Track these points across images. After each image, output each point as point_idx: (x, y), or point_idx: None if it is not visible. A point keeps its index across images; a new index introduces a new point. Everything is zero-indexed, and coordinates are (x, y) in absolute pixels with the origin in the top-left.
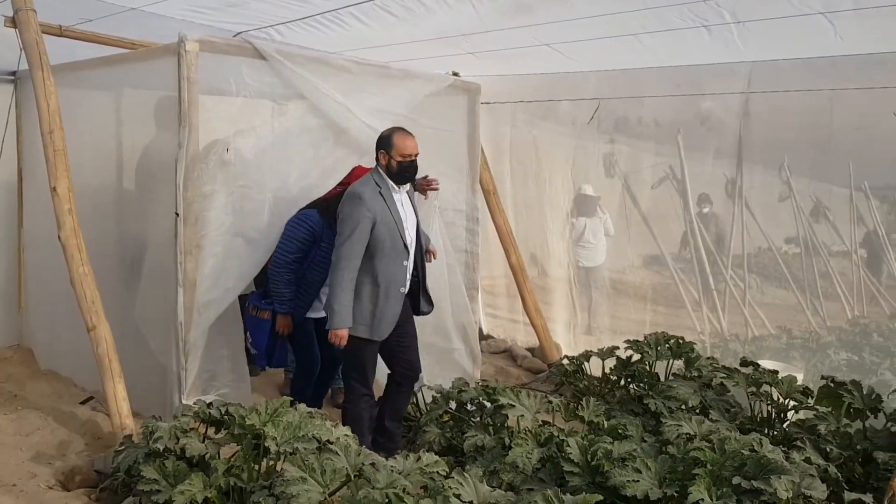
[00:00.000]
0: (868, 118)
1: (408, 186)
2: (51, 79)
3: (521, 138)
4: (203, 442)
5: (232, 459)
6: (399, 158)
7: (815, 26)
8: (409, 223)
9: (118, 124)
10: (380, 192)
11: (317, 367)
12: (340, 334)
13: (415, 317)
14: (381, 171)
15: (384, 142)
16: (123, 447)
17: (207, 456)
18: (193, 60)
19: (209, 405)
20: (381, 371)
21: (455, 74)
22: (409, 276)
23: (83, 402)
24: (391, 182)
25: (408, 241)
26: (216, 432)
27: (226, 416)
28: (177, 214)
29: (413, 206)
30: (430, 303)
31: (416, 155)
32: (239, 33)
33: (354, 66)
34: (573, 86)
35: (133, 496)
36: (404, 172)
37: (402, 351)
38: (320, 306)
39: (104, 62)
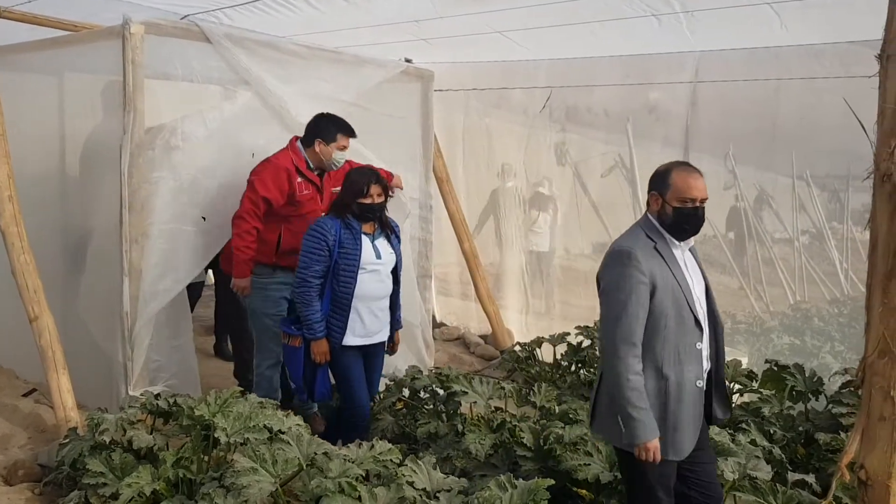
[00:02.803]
0: (811, 109)
1: (691, 242)
2: None
3: (474, 126)
4: (151, 434)
5: (181, 451)
6: (676, 203)
7: (761, 16)
8: (699, 290)
9: (60, 109)
10: (655, 248)
11: (366, 408)
12: (651, 447)
13: None
14: (652, 219)
15: (658, 181)
16: (68, 440)
17: (155, 448)
18: (139, 43)
19: (157, 396)
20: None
21: (408, 61)
22: (706, 365)
23: (26, 395)
24: (668, 234)
25: (699, 315)
26: (164, 424)
27: (174, 407)
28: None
29: (700, 268)
30: (727, 404)
31: (702, 200)
32: (186, 16)
33: (305, 51)
34: (525, 74)
35: (78, 490)
36: (683, 224)
37: (698, 470)
38: (366, 328)
39: (46, 45)
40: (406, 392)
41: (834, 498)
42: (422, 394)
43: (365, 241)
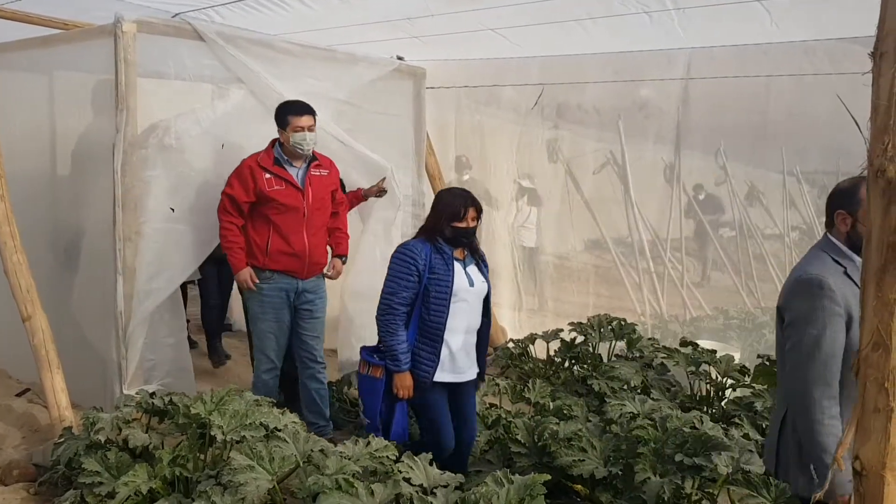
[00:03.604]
0: (801, 105)
1: None
2: None
3: (466, 124)
4: (146, 432)
5: (177, 449)
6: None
7: (752, 13)
8: None
9: (51, 108)
10: (846, 273)
11: (450, 451)
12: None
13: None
14: (835, 241)
15: (843, 198)
16: (63, 439)
17: (151, 446)
18: (131, 42)
19: (152, 395)
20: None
21: (400, 58)
22: None
23: (19, 395)
24: (858, 258)
25: None
26: (160, 422)
27: (170, 406)
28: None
29: None
30: None
31: None
32: (177, 14)
33: (297, 49)
34: (517, 71)
35: (74, 489)
36: None
37: None
38: (456, 364)
39: (36, 43)
40: None
41: None
42: None
43: (457, 267)
